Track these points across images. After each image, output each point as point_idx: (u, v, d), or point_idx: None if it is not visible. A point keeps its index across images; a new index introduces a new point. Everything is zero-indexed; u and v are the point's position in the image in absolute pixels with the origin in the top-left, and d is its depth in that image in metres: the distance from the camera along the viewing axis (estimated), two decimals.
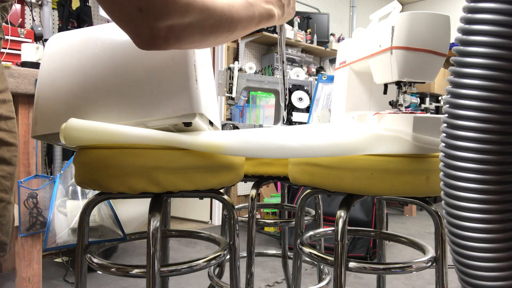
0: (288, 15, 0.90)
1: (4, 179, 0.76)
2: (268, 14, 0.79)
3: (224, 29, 0.68)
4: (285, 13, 0.87)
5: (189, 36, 0.63)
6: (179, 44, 0.64)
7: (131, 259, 2.56)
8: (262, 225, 1.52)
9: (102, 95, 0.81)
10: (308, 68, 4.17)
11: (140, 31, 0.58)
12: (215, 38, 0.69)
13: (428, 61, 0.86)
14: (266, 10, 0.79)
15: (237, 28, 0.71)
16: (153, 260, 0.77)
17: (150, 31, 0.58)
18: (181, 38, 0.62)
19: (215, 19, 0.65)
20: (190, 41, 0.65)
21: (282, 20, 0.89)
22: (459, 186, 0.51)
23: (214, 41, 0.70)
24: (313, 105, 1.39)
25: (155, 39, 0.60)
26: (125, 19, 0.58)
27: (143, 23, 0.58)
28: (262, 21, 0.78)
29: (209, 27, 0.65)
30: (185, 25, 0.61)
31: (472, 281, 0.52)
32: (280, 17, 0.85)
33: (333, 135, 0.78)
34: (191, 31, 0.63)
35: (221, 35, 0.69)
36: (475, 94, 0.49)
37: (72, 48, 0.84)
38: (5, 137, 0.76)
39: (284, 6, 0.86)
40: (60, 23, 2.63)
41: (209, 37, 0.67)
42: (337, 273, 0.81)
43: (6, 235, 0.78)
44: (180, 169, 0.77)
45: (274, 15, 0.81)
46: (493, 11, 0.47)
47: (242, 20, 0.71)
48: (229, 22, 0.68)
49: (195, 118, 0.79)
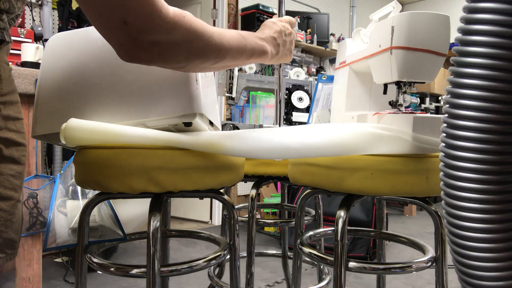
0: (284, 55, 0.90)
1: (14, 178, 0.77)
2: (260, 50, 0.80)
3: (211, 54, 0.69)
4: (280, 53, 0.87)
5: (173, 55, 0.64)
6: (162, 61, 0.64)
7: (131, 259, 2.56)
8: (262, 225, 1.52)
9: (102, 95, 0.81)
10: (308, 68, 4.17)
11: (123, 42, 0.59)
12: (202, 62, 0.69)
13: (428, 61, 0.86)
14: (259, 45, 0.79)
15: (226, 56, 0.71)
16: (153, 260, 0.77)
17: (132, 43, 0.59)
18: (165, 55, 0.63)
19: (203, 43, 0.66)
20: (175, 60, 0.65)
21: (276, 60, 0.89)
22: (459, 186, 0.51)
23: (201, 65, 0.70)
24: (313, 105, 1.39)
25: (137, 50, 0.60)
26: (109, 30, 0.59)
27: (127, 35, 0.58)
28: (254, 55, 0.78)
29: (196, 50, 0.66)
30: (170, 43, 0.62)
31: (472, 281, 0.52)
32: (274, 55, 0.85)
33: (333, 135, 0.78)
34: (176, 50, 0.63)
35: (208, 60, 0.69)
36: (475, 94, 0.49)
37: (72, 48, 0.84)
38: (14, 137, 0.77)
39: (280, 46, 0.86)
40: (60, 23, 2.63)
41: (195, 59, 0.67)
42: (337, 273, 0.81)
43: (16, 233, 0.79)
44: (180, 169, 0.77)
45: (267, 52, 0.82)
46: (493, 11, 0.47)
47: (232, 50, 0.72)
48: (218, 49, 0.69)
49: (195, 118, 0.79)
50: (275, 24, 0.87)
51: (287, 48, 0.89)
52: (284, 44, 0.88)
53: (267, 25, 0.87)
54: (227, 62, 0.73)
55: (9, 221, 0.76)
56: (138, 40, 0.59)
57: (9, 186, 0.76)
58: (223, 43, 0.69)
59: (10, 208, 0.76)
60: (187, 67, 0.69)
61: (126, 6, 0.56)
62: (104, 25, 0.59)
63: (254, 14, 3.64)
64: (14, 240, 0.79)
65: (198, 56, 0.67)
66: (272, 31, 0.85)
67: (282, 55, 0.89)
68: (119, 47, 0.60)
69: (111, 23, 0.57)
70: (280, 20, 0.89)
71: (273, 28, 0.86)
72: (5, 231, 0.76)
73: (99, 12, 0.57)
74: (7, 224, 0.76)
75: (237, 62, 0.76)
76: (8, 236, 0.77)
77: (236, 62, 0.76)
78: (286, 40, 0.88)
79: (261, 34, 0.83)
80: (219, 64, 0.72)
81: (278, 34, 0.86)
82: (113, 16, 0.56)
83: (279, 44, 0.86)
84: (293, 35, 0.92)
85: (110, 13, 0.56)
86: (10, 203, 0.76)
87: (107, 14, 0.56)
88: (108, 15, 0.57)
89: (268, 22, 0.88)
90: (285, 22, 0.89)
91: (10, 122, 0.77)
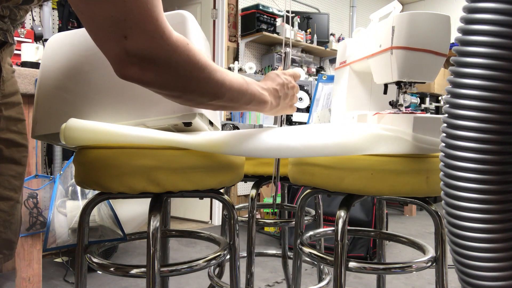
0: (284, 109, 0.89)
1: (14, 179, 0.77)
2: (260, 98, 0.79)
3: (211, 90, 0.66)
4: (281, 105, 0.87)
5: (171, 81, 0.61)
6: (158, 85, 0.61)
7: (131, 259, 2.56)
8: (262, 225, 1.52)
9: (102, 95, 0.81)
10: (308, 68, 4.17)
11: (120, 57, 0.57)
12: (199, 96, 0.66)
13: (428, 61, 0.86)
14: (260, 93, 0.78)
15: (225, 95, 0.69)
16: (153, 260, 0.77)
17: (129, 59, 0.57)
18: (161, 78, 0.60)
19: (203, 76, 0.63)
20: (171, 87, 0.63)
21: (276, 112, 0.89)
22: (459, 186, 0.51)
23: (198, 99, 0.67)
24: (313, 105, 1.39)
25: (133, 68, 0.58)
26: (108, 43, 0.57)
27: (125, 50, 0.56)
28: (253, 102, 0.77)
29: (196, 81, 0.63)
30: (169, 67, 0.60)
31: (472, 281, 0.52)
32: (274, 107, 0.85)
33: (333, 135, 0.78)
34: (174, 76, 0.61)
35: (206, 95, 0.67)
36: (475, 94, 0.49)
37: (72, 48, 0.84)
38: (16, 138, 0.77)
39: (280, 98, 0.86)
40: (60, 23, 2.63)
41: (192, 92, 0.64)
42: (337, 273, 0.81)
43: (14, 234, 0.79)
44: (180, 169, 0.77)
45: (267, 102, 0.81)
46: (493, 11, 0.47)
47: (233, 91, 0.70)
48: (218, 85, 0.67)
49: (195, 118, 0.79)
50: (279, 77, 0.87)
51: (287, 101, 0.89)
52: (285, 97, 0.87)
53: (271, 76, 0.87)
54: (225, 102, 0.71)
55: (8, 221, 0.76)
56: (137, 57, 0.57)
57: (8, 186, 0.76)
58: (225, 80, 0.68)
59: (9, 208, 0.76)
60: (183, 98, 0.66)
61: (129, 21, 0.54)
62: (103, 38, 0.57)
63: (254, 14, 3.64)
64: (12, 241, 0.79)
65: (196, 88, 0.65)
66: (274, 83, 0.85)
67: (283, 108, 0.89)
68: (116, 61, 0.58)
69: (111, 36, 0.55)
70: (284, 73, 0.89)
71: (276, 80, 0.86)
72: (4, 232, 0.76)
73: (99, 24, 0.55)
74: (5, 225, 0.76)
75: (235, 104, 0.74)
76: (6, 236, 0.77)
77: (234, 105, 0.74)
78: (288, 93, 0.88)
79: (263, 85, 0.82)
80: (216, 102, 0.70)
81: (281, 87, 0.86)
82: (113, 30, 0.55)
83: (280, 97, 0.86)
84: (296, 89, 0.92)
85: (111, 26, 0.54)
86: (9, 204, 0.76)
87: (108, 27, 0.55)
88: (108, 28, 0.55)
89: (271, 74, 0.87)
90: (288, 75, 0.89)
91: (11, 123, 0.77)
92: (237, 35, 3.80)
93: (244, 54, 3.82)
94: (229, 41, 3.73)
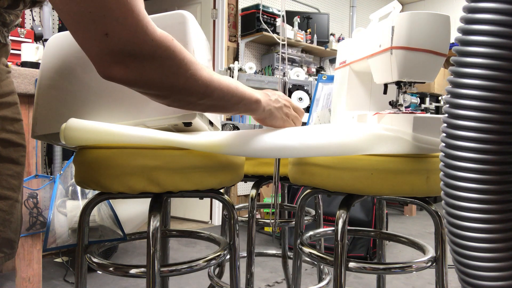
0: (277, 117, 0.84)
1: (12, 178, 0.77)
2: (251, 96, 0.76)
3: (199, 88, 0.65)
4: (273, 111, 0.83)
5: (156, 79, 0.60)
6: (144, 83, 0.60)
7: (131, 259, 2.56)
8: (262, 225, 1.52)
9: (102, 95, 0.81)
10: (308, 68, 4.17)
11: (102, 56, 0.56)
12: (188, 95, 0.65)
13: (428, 61, 0.86)
14: (250, 93, 0.76)
15: (214, 93, 0.67)
16: (153, 260, 0.77)
17: (112, 57, 0.55)
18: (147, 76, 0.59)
19: (190, 72, 0.62)
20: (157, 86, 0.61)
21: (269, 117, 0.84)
22: (459, 186, 0.51)
23: (186, 99, 0.65)
24: (313, 105, 1.39)
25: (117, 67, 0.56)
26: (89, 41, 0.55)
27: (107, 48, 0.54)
28: (244, 100, 0.75)
29: (183, 79, 0.62)
30: (154, 63, 0.58)
31: (472, 281, 0.52)
32: (265, 109, 0.81)
33: (333, 135, 0.78)
34: (159, 73, 0.59)
35: (195, 93, 0.65)
36: (475, 94, 0.49)
37: (72, 48, 0.84)
38: (13, 138, 0.77)
39: (272, 102, 0.83)
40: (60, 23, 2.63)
41: (180, 90, 0.63)
42: (337, 273, 0.81)
43: (15, 233, 0.79)
44: (180, 169, 0.77)
45: (259, 100, 0.79)
46: (493, 11, 0.47)
47: (222, 89, 0.68)
48: (206, 82, 0.65)
49: (195, 118, 0.79)
50: (274, 93, 0.85)
51: (283, 111, 0.85)
52: (278, 104, 0.84)
53: (265, 90, 0.85)
54: (214, 101, 0.70)
55: (7, 220, 0.76)
56: (120, 54, 0.55)
57: (7, 186, 0.76)
58: (213, 78, 0.67)
59: (8, 207, 0.76)
60: (171, 98, 0.65)
61: (109, 17, 0.52)
62: (84, 36, 0.55)
63: (254, 14, 3.64)
64: (13, 240, 0.79)
65: (184, 86, 0.63)
66: (268, 92, 0.84)
67: (276, 115, 0.84)
68: (98, 61, 0.56)
69: (91, 34, 0.53)
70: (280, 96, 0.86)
71: (269, 91, 0.84)
72: (3, 231, 0.76)
73: (78, 21, 0.53)
74: (5, 224, 0.76)
75: (225, 104, 0.72)
76: (6, 235, 0.77)
77: (224, 104, 0.72)
78: (281, 105, 0.85)
79: (253, 90, 0.80)
80: (206, 101, 0.68)
81: (273, 96, 0.84)
82: (93, 27, 0.53)
83: (272, 100, 0.83)
84: (292, 109, 0.88)
85: (90, 23, 0.52)
86: (8, 203, 0.76)
87: (87, 24, 0.53)
88: (88, 25, 0.53)
89: (267, 90, 0.85)
90: (287, 101, 0.87)
91: (7, 123, 0.77)
92: (237, 35, 3.80)
93: (244, 54, 3.82)
94: (229, 41, 3.73)
